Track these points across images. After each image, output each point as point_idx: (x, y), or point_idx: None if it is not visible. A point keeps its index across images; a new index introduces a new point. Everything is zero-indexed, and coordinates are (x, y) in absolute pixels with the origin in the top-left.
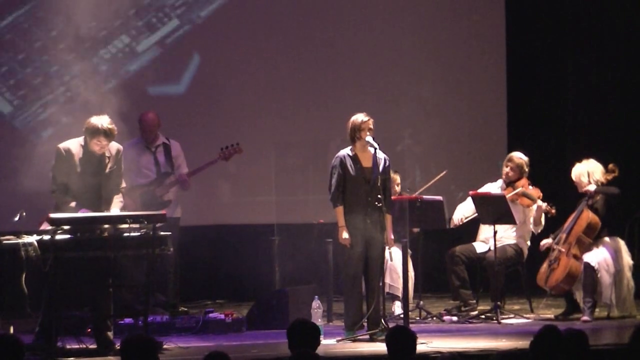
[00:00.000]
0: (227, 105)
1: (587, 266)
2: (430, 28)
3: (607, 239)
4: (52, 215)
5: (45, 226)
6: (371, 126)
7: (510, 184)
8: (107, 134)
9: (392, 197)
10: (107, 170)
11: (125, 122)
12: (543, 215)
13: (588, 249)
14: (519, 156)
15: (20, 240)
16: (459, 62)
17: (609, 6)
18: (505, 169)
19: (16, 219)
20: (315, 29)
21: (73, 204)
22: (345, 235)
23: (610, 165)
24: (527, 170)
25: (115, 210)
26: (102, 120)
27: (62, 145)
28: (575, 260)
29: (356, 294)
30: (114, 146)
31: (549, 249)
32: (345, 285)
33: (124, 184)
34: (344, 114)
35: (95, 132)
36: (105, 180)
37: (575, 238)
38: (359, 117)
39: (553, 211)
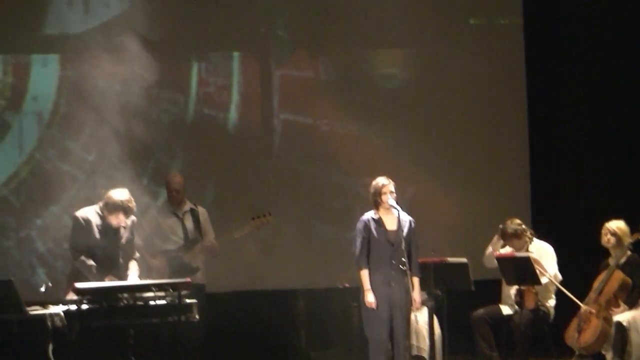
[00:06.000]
0: (255, 170)
1: (618, 325)
2: (450, 62)
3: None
4: (78, 285)
5: (71, 295)
6: (392, 189)
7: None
8: (127, 211)
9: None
10: (124, 240)
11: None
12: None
13: (619, 309)
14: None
15: (46, 311)
16: (480, 102)
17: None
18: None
19: (42, 289)
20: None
21: (95, 268)
22: (371, 298)
23: None
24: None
25: (133, 275)
26: (122, 196)
27: (80, 214)
28: (606, 321)
29: (383, 357)
30: (130, 217)
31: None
32: (371, 349)
33: (137, 254)
34: (368, 173)
35: (115, 208)
36: (122, 250)
37: (606, 299)
38: (380, 182)
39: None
